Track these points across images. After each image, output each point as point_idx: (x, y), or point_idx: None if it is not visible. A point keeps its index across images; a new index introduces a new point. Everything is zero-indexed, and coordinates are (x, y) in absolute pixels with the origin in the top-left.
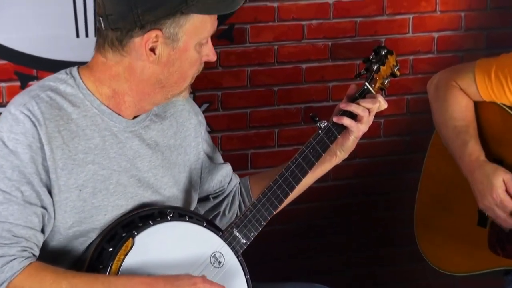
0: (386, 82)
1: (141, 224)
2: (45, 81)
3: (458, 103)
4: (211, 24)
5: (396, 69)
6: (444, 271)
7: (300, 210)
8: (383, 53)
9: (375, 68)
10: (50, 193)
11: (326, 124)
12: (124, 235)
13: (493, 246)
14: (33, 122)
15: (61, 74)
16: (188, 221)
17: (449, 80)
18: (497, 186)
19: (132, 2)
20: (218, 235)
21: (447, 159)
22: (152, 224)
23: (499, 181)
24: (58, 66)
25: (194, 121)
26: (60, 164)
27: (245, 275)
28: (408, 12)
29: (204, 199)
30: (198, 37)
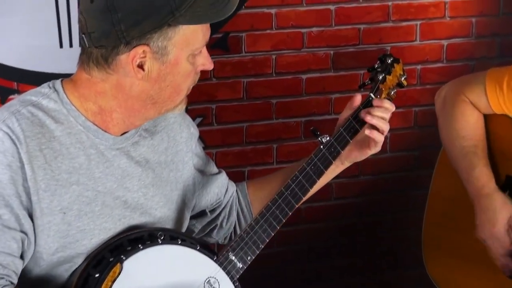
0: (393, 93)
1: (129, 248)
2: (26, 95)
3: (466, 120)
4: (204, 34)
5: (403, 78)
6: None
7: (301, 231)
8: (389, 61)
9: (380, 77)
10: (31, 216)
11: (328, 139)
12: (111, 259)
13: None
14: (12, 140)
15: (44, 88)
16: (180, 244)
17: (457, 93)
18: (500, 222)
19: (114, 18)
20: (212, 259)
21: (456, 176)
22: (141, 247)
23: (503, 217)
24: (41, 79)
25: (185, 135)
26: (42, 185)
27: None
28: (415, 18)
29: (201, 214)
30: (189, 48)
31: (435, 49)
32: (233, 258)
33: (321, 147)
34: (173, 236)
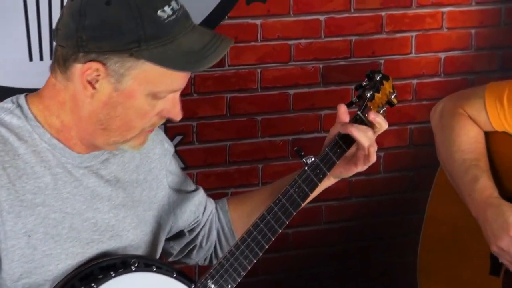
0: (382, 111)
1: (101, 276)
2: None
3: (466, 134)
4: (173, 79)
5: (393, 96)
6: None
7: (288, 257)
8: (377, 78)
9: (368, 95)
10: None
11: (313, 160)
12: None
13: None
14: None
15: (7, 103)
16: (155, 271)
17: (455, 107)
18: None
19: (81, 24)
20: (190, 287)
21: (453, 198)
22: (113, 275)
23: None
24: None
25: (158, 151)
26: (6, 206)
27: None
28: (411, 29)
29: (179, 235)
30: (149, 88)
31: (432, 62)
32: (212, 286)
33: (306, 168)
34: (147, 263)
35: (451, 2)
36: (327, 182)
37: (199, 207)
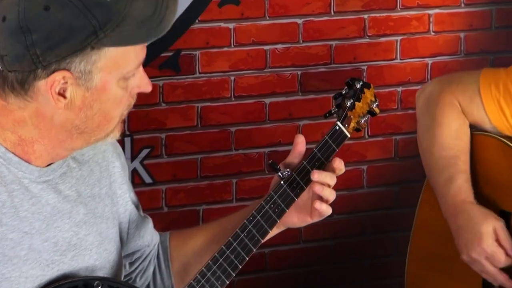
0: (363, 121)
1: None
2: None
3: (448, 125)
4: (137, 54)
5: (374, 105)
6: None
7: (264, 279)
8: (358, 86)
9: (348, 104)
10: None
11: (289, 173)
12: None
13: None
14: None
15: None
16: None
17: (444, 93)
18: (487, 235)
19: (28, 40)
20: None
21: (440, 212)
22: None
23: (489, 229)
24: None
25: (118, 164)
26: None
27: None
28: (395, 33)
29: None
30: (119, 71)
31: (418, 68)
32: None
33: (282, 182)
34: (112, 286)
35: (439, 3)
36: (275, 230)
37: (152, 237)
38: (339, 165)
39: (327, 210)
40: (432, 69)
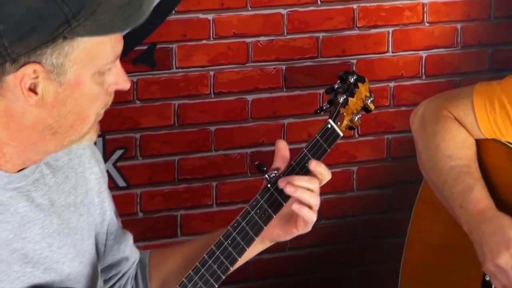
0: (357, 119)
1: None
2: None
3: (452, 138)
4: (113, 46)
5: (369, 101)
6: None
7: None
8: (351, 80)
9: (341, 100)
10: None
11: (276, 175)
12: None
13: None
14: None
15: None
16: None
17: (439, 109)
18: None
19: None
20: None
21: (440, 216)
22: None
23: None
24: None
25: (96, 170)
26: None
27: None
28: (387, 24)
29: None
30: (94, 65)
31: (412, 62)
32: None
33: (268, 185)
34: None
35: None
36: (261, 245)
37: (131, 254)
38: (315, 168)
39: (308, 215)
40: (426, 62)
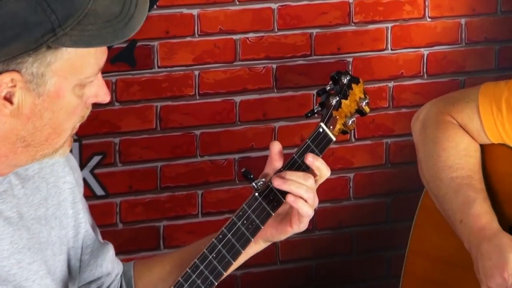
0: (351, 122)
1: None
2: None
3: (454, 146)
4: (97, 59)
5: (364, 103)
6: None
7: None
8: (344, 81)
9: (334, 102)
10: None
11: (264, 183)
12: None
13: None
14: None
15: None
16: None
17: (441, 114)
18: (511, 262)
19: None
20: None
21: (442, 229)
22: None
23: None
24: None
25: (70, 179)
26: None
27: None
28: (386, 19)
29: None
30: (76, 77)
31: (413, 60)
32: None
33: (256, 194)
34: None
35: None
36: (255, 246)
37: (112, 266)
38: (312, 162)
39: (303, 208)
40: (428, 61)
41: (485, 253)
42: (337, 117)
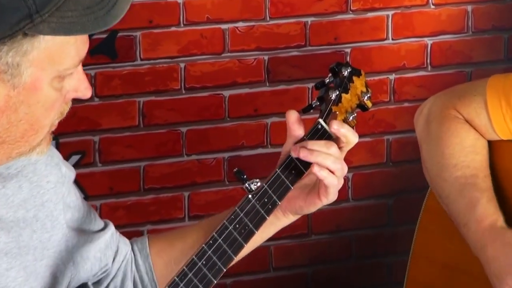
0: (352, 118)
1: None
2: None
3: (459, 143)
4: (77, 48)
5: (366, 97)
6: None
7: None
8: (345, 73)
9: (333, 96)
10: None
11: (259, 184)
12: None
13: None
14: None
15: None
16: None
17: (446, 108)
18: None
19: None
20: None
21: (448, 231)
22: None
23: None
24: None
25: (54, 178)
26: None
27: None
28: (386, 7)
29: None
30: (55, 68)
31: (415, 50)
32: None
33: (249, 196)
34: None
35: None
36: (284, 219)
37: (106, 252)
38: (337, 130)
39: (329, 178)
40: (432, 51)
41: (491, 256)
42: (337, 112)
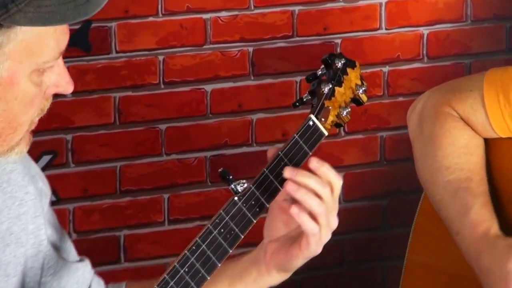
0: (345, 114)
1: None
2: None
3: (452, 143)
4: (57, 40)
5: (361, 91)
6: None
7: None
8: (339, 65)
9: (326, 90)
10: None
11: (245, 186)
12: None
13: None
14: None
15: None
16: None
17: (440, 105)
18: None
19: None
20: None
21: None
22: None
23: None
24: None
25: (32, 190)
26: None
27: None
28: None
29: None
30: (34, 61)
31: (411, 41)
32: None
33: (235, 199)
34: None
35: None
36: (267, 277)
37: (81, 285)
38: (317, 169)
39: (307, 224)
40: (428, 41)
41: (485, 268)
42: (330, 107)
